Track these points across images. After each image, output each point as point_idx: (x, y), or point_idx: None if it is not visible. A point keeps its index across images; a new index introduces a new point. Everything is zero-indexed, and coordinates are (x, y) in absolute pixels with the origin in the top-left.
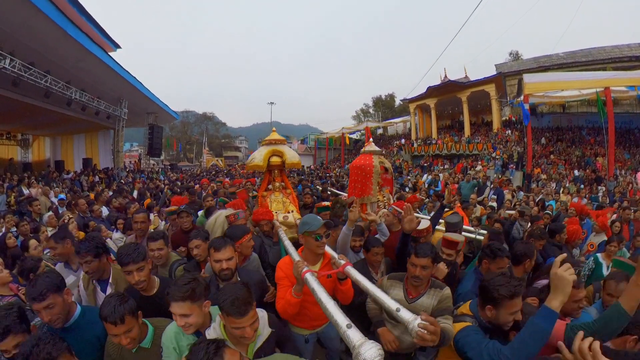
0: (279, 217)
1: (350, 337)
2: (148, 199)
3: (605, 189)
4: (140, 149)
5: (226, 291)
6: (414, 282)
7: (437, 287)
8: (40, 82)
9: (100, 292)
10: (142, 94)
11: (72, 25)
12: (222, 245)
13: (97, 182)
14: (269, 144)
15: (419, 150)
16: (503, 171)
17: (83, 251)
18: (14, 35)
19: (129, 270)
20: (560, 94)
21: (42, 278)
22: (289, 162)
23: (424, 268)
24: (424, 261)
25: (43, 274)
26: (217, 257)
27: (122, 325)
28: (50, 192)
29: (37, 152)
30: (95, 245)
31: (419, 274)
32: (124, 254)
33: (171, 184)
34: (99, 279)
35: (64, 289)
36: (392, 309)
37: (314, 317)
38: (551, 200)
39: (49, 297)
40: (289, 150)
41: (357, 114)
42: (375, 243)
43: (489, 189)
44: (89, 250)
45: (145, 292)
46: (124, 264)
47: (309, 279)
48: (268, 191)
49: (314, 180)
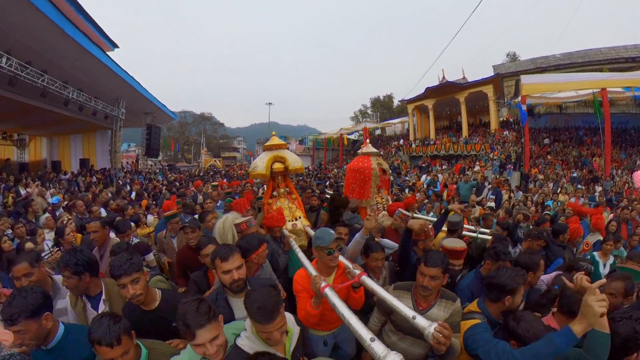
0: (287, 226)
1: (375, 349)
2: (145, 200)
3: (602, 189)
4: (137, 149)
5: (253, 297)
6: (423, 292)
7: (449, 298)
8: (37, 82)
9: (91, 309)
10: (139, 94)
11: (70, 24)
12: (229, 253)
13: (95, 183)
14: (270, 150)
15: (417, 151)
16: (501, 171)
17: (62, 265)
18: (10, 34)
19: (123, 283)
20: (557, 95)
21: (18, 298)
22: (292, 168)
23: (433, 278)
24: (433, 271)
25: (23, 291)
26: (225, 268)
27: (118, 347)
28: (47, 192)
29: (34, 153)
30: (75, 262)
31: (427, 284)
32: (115, 266)
33: (169, 185)
34: (88, 296)
35: (43, 313)
36: (409, 316)
37: (331, 321)
38: (549, 201)
39: (20, 322)
40: (290, 155)
41: (355, 115)
42: (376, 248)
43: (487, 190)
44: (67, 266)
45: (145, 306)
46: (116, 276)
47: (329, 295)
48: (273, 198)
49: (311, 181)
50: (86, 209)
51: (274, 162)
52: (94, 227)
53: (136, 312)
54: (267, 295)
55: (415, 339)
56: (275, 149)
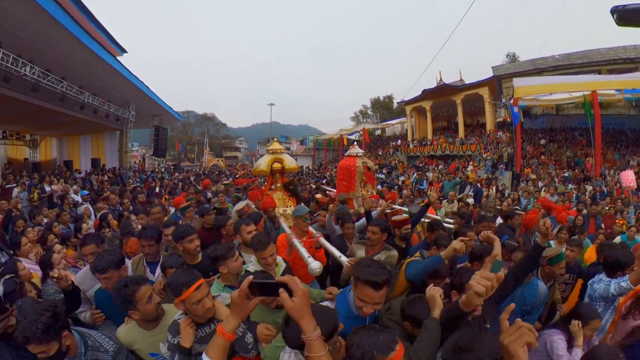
0: (279, 211)
1: (308, 260)
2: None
3: (592, 188)
4: (140, 149)
5: (254, 237)
6: (369, 242)
7: (388, 249)
8: (56, 88)
9: (149, 273)
10: (148, 97)
11: (85, 33)
12: (249, 222)
13: (107, 181)
14: (273, 153)
15: (415, 151)
16: (493, 171)
17: (148, 236)
18: (32, 44)
19: (191, 239)
20: (549, 97)
21: (106, 255)
22: (287, 167)
23: (374, 233)
24: (373, 229)
25: (109, 251)
26: (248, 230)
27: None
28: (70, 189)
29: (45, 152)
30: (157, 233)
31: (370, 237)
32: (181, 230)
33: (184, 180)
34: (151, 262)
35: (122, 266)
36: (337, 256)
37: (301, 277)
38: (531, 198)
39: (109, 271)
40: (287, 157)
41: (355, 115)
42: (347, 220)
43: (469, 187)
44: (153, 236)
45: (190, 261)
46: (182, 237)
47: (295, 243)
48: (272, 190)
49: (309, 179)
50: (118, 201)
51: (273, 162)
52: (157, 210)
53: (182, 264)
54: (262, 235)
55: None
56: (276, 153)
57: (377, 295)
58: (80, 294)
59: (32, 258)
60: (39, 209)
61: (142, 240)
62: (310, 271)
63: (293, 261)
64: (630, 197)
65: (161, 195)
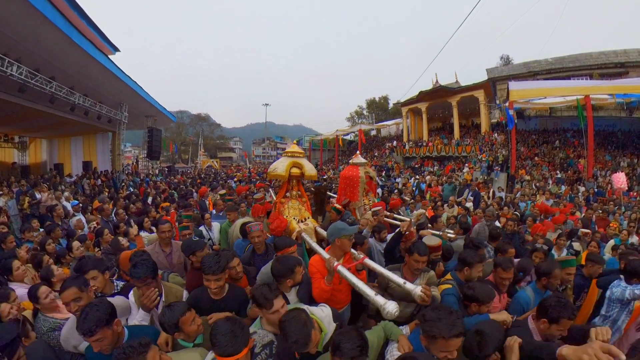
0: (299, 225)
1: (378, 300)
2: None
3: (585, 189)
4: (133, 150)
5: (256, 288)
6: (415, 272)
7: (425, 271)
8: (45, 88)
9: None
10: (141, 97)
11: (76, 31)
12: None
13: (99, 186)
14: (291, 156)
15: (410, 152)
16: (488, 173)
17: (142, 276)
18: (20, 42)
19: (209, 279)
20: (544, 101)
21: (91, 312)
22: (307, 175)
23: (422, 263)
24: (423, 258)
25: (93, 305)
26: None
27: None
28: (62, 196)
29: (34, 155)
30: (152, 268)
31: (419, 267)
32: (207, 264)
33: (178, 185)
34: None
35: (113, 320)
36: (400, 283)
37: (339, 301)
38: (528, 201)
39: (98, 332)
40: (307, 163)
41: (351, 115)
42: (361, 241)
43: (467, 191)
44: (147, 274)
45: (215, 296)
46: (206, 273)
47: (342, 270)
48: (285, 198)
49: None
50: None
51: (292, 166)
52: (167, 228)
53: (205, 299)
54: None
55: (405, 302)
56: (296, 156)
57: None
58: None
59: (27, 282)
60: (29, 223)
61: (136, 282)
62: (386, 315)
63: (332, 291)
64: (621, 198)
65: (156, 203)
